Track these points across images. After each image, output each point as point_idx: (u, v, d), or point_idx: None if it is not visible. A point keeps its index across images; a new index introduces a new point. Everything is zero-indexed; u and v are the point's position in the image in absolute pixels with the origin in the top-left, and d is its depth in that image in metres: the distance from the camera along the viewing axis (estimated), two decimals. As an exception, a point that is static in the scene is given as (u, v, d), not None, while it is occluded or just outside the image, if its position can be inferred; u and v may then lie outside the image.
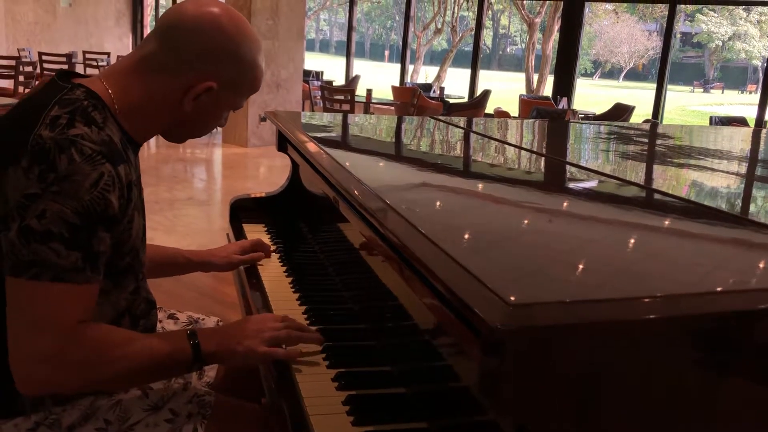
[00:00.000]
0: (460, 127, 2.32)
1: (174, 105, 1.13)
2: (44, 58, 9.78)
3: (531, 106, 7.98)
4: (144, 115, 1.13)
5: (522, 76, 20.93)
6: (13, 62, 8.37)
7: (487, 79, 14.37)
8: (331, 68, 16.34)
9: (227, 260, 1.56)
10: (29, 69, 8.44)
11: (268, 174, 6.85)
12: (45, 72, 9.44)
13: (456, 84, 15.47)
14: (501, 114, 8.67)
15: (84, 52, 11.29)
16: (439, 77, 20.31)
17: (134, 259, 1.14)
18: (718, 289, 0.81)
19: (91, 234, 0.98)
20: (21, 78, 8.05)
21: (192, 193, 5.78)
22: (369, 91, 8.54)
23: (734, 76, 36.92)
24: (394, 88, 10.90)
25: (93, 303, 1.02)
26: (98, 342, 1.01)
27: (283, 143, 1.98)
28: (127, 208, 1.07)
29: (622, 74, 38.16)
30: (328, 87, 8.29)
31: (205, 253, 1.56)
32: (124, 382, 1.11)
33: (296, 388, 1.09)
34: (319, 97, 7.93)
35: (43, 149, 0.96)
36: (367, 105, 8.40)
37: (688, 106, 25.07)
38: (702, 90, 35.18)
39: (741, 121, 7.37)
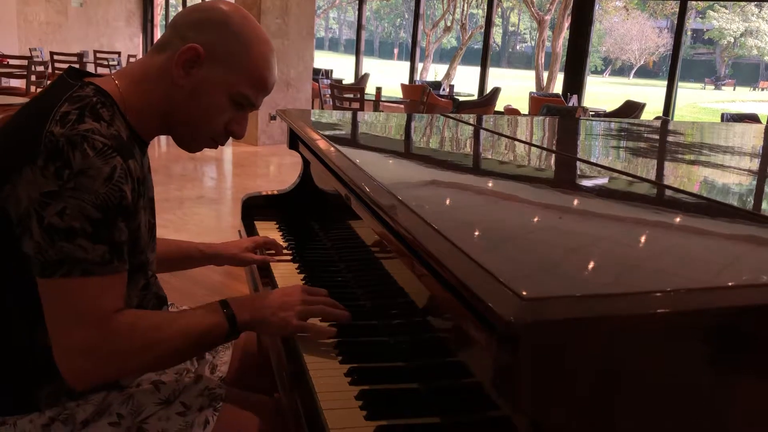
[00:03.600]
0: (470, 124, 2.32)
1: (168, 81, 1.12)
2: (56, 57, 9.85)
3: (541, 103, 7.96)
4: (147, 105, 1.13)
5: (532, 73, 20.86)
6: (25, 62, 8.43)
7: (496, 76, 14.34)
8: (341, 67, 16.36)
9: (240, 256, 1.57)
10: (41, 69, 8.50)
11: (278, 172, 6.87)
12: (57, 72, 9.50)
13: (465, 82, 15.44)
14: (511, 112, 8.65)
15: (95, 52, 11.37)
16: (448, 75, 20.28)
17: (144, 257, 1.15)
18: (731, 284, 0.81)
19: (112, 226, 0.99)
20: (33, 77, 8.11)
21: (203, 192, 5.80)
22: (378, 90, 8.54)
23: (746, 73, 36.66)
24: (403, 86, 10.89)
25: (124, 290, 1.04)
26: (135, 329, 1.02)
27: (294, 141, 1.99)
28: (138, 203, 1.08)
29: (633, 71, 37.99)
30: (337, 85, 8.31)
31: (219, 246, 1.58)
32: (167, 363, 1.15)
33: (309, 382, 1.10)
34: (328, 96, 7.95)
35: (56, 147, 0.97)
36: (377, 103, 8.41)
37: (699, 103, 24.92)
38: (713, 87, 34.97)
39: (753, 118, 7.32)
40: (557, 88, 14.42)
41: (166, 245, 1.48)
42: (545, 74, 18.72)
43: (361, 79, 11.74)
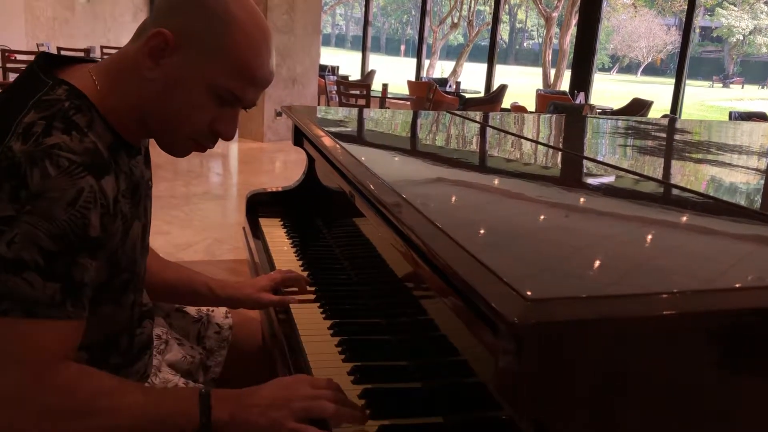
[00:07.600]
0: (476, 121, 2.31)
1: (139, 74, 0.95)
2: (63, 53, 9.88)
3: (548, 101, 7.94)
4: (124, 104, 0.97)
5: (539, 70, 20.81)
6: (32, 57, 8.46)
7: (503, 73, 14.31)
8: (347, 63, 16.35)
9: (256, 299, 1.34)
10: (48, 64, 8.51)
11: (284, 169, 6.87)
12: (64, 67, 9.50)
13: (472, 79, 15.43)
14: (517, 109, 8.63)
15: (102, 47, 11.40)
16: (455, 72, 20.27)
17: (132, 273, 1.04)
18: (737, 285, 0.80)
19: (70, 262, 0.85)
20: (40, 73, 8.12)
21: (208, 188, 5.81)
22: (385, 86, 8.52)
23: (755, 71, 36.48)
24: (409, 83, 10.88)
25: (74, 343, 0.89)
26: (77, 388, 0.86)
27: (299, 138, 1.98)
28: (113, 225, 0.94)
29: (640, 69, 37.87)
30: (343, 82, 8.30)
31: (231, 288, 1.35)
32: None
33: (312, 381, 1.09)
34: (334, 92, 7.94)
35: (12, 163, 0.83)
36: (383, 100, 8.40)
37: (707, 102, 24.81)
38: (721, 85, 34.83)
39: (761, 117, 7.27)
40: (564, 85, 14.37)
41: (176, 273, 1.33)
42: (552, 71, 18.68)
43: (367, 76, 11.74)
